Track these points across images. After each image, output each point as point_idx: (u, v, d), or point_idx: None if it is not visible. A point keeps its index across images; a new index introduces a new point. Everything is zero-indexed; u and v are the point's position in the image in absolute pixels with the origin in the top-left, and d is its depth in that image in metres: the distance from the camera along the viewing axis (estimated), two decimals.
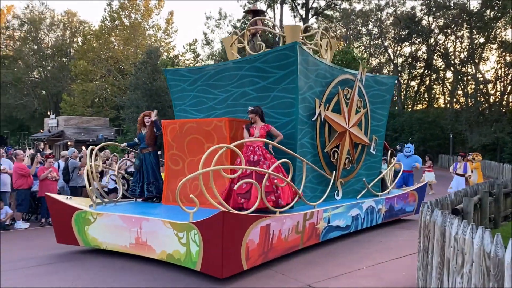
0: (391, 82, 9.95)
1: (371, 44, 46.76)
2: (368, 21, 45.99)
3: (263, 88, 7.74)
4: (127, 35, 46.55)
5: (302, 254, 7.14)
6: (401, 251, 7.44)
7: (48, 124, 43.75)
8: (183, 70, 8.99)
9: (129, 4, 47.01)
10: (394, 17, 43.82)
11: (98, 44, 45.60)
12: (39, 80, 46.87)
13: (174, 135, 7.83)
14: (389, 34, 45.53)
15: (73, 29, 47.67)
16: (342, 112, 8.43)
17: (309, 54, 7.65)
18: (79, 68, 43.84)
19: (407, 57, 44.53)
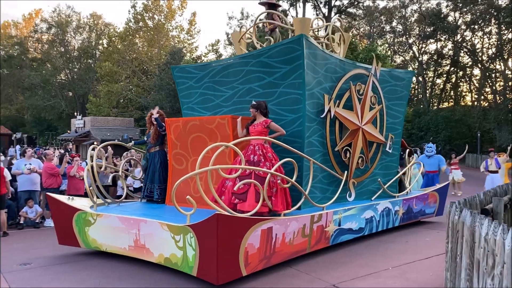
0: (408, 77, 9.38)
1: (395, 41, 45.66)
2: (392, 18, 44.92)
3: (269, 84, 7.33)
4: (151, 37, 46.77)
5: (326, 253, 7.00)
6: (428, 252, 7.18)
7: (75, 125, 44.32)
8: (189, 67, 8.65)
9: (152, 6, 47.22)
10: (419, 14, 42.64)
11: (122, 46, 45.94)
12: (66, 81, 47.56)
13: (178, 134, 7.50)
14: (413, 31, 44.37)
15: (99, 31, 48.20)
16: (355, 109, 7.93)
17: (317, 47, 7.20)
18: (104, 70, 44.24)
19: (433, 54, 43.26)
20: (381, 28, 45.90)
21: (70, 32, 46.57)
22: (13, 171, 9.97)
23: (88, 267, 6.44)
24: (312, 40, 7.07)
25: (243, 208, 5.96)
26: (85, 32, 47.78)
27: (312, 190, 7.26)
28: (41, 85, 44.81)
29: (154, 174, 7.77)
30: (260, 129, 6.62)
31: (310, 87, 7.05)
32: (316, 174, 7.38)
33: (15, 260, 6.89)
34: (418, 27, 43.58)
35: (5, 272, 6.26)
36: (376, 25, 46.20)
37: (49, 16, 46.42)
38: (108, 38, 46.71)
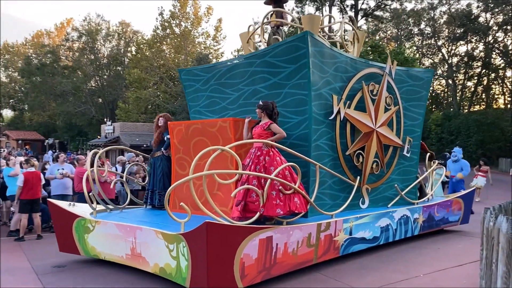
0: (427, 77, 8.77)
1: (424, 44, 44.41)
2: (420, 21, 43.70)
3: (275, 85, 6.90)
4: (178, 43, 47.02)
5: (354, 259, 6.89)
6: (461, 259, 6.98)
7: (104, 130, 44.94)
8: (196, 69, 8.32)
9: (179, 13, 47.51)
10: (448, 15, 41.29)
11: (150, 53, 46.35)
12: (96, 88, 48.34)
13: (181, 138, 7.17)
14: (442, 33, 43.01)
15: (127, 39, 48.82)
16: (368, 110, 7.41)
17: (324, 45, 6.74)
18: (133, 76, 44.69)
19: (463, 57, 41.78)
20: (409, 31, 44.75)
21: (100, 40, 47.33)
22: (46, 175, 10.17)
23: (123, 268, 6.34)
24: (319, 38, 6.61)
25: (234, 214, 5.57)
26: (114, 40, 48.48)
27: (321, 197, 6.80)
28: (72, 92, 45.65)
29: (156, 180, 7.45)
30: (260, 131, 6.18)
31: (316, 87, 6.58)
32: (326, 179, 6.91)
33: (49, 262, 6.92)
34: (448, 29, 42.23)
35: (41, 274, 6.32)
36: (404, 28, 45.07)
37: (80, 25, 47.37)
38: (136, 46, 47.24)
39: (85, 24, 46.99)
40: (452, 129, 37.88)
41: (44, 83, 44.96)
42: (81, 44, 46.50)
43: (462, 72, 42.89)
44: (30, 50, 51.03)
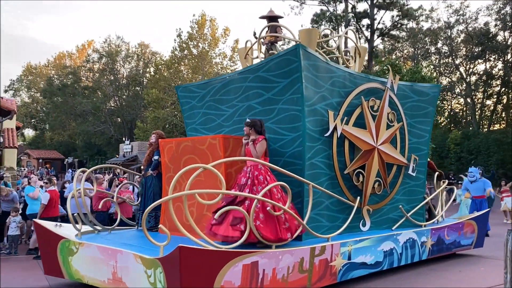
0: (434, 92, 8.29)
1: (441, 62, 43.60)
2: (437, 39, 43.03)
3: (268, 100, 6.55)
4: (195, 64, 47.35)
5: (373, 279, 6.70)
6: (484, 282, 6.77)
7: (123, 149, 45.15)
8: (192, 85, 8.05)
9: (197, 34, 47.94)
10: (466, 34, 40.56)
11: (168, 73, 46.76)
12: (115, 108, 48.87)
13: (171, 156, 6.84)
14: (460, 51, 42.22)
15: (146, 60, 49.43)
16: (368, 127, 6.97)
17: (319, 59, 6.37)
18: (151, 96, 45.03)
19: (481, 75, 40.83)
20: (425, 50, 44.06)
21: (120, 61, 48.02)
22: (65, 194, 10.10)
23: None
24: (312, 51, 6.24)
25: (218, 231, 5.17)
26: (133, 60, 49.14)
27: (317, 218, 6.35)
28: (92, 112, 46.19)
29: (147, 200, 7.09)
30: (250, 150, 5.90)
31: (311, 103, 6.20)
32: (322, 200, 6.46)
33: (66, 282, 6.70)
34: (465, 48, 41.44)
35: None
36: (421, 47, 44.42)
37: (100, 46, 48.25)
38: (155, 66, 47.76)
39: (106, 46, 47.80)
40: (472, 148, 36.80)
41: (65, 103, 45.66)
42: (101, 65, 47.23)
43: (481, 91, 41.88)
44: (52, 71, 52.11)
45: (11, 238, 9.33)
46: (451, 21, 41.18)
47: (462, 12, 40.40)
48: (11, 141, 31.77)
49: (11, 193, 10.22)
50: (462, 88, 42.64)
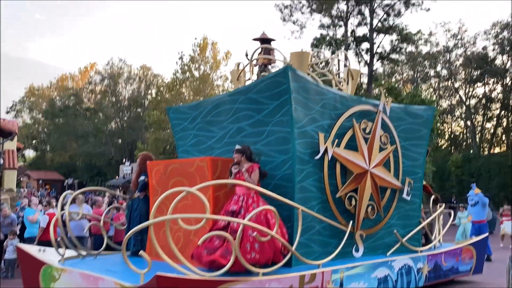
0: (428, 114, 8.15)
1: (441, 86, 43.71)
2: (436, 63, 43.23)
3: (258, 122, 6.43)
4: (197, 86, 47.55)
5: None
6: None
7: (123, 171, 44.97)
8: (184, 107, 7.96)
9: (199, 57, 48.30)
10: (465, 58, 40.75)
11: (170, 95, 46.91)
12: (116, 129, 48.96)
13: (159, 179, 6.68)
14: (459, 75, 42.35)
15: (148, 82, 49.74)
16: (360, 149, 6.82)
17: (309, 81, 6.28)
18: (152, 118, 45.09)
19: (481, 98, 40.85)
20: (425, 73, 44.23)
21: (122, 83, 48.34)
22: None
23: None
24: (302, 73, 6.15)
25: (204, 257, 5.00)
26: (135, 83, 49.47)
27: (308, 244, 6.15)
28: (93, 133, 46.24)
29: (132, 223, 6.89)
30: (242, 178, 5.77)
31: (301, 125, 6.07)
32: (313, 224, 6.27)
33: None
34: (464, 71, 41.58)
35: None
36: (420, 70, 44.59)
37: (103, 68, 48.66)
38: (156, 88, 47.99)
39: (108, 68, 48.20)
40: (473, 171, 36.56)
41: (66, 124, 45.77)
42: (103, 87, 47.54)
43: (481, 114, 41.85)
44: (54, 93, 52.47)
45: (8, 261, 9.11)
46: (449, 45, 41.46)
47: (460, 36, 40.72)
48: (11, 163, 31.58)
49: (10, 216, 10.08)
50: (462, 111, 42.64)
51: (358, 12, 39.25)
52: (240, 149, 5.86)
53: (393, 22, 38.04)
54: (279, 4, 39.01)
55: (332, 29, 40.63)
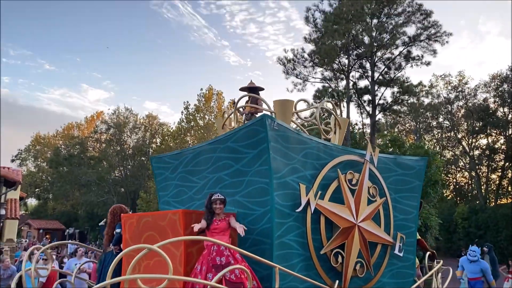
0: (420, 165, 7.75)
1: (443, 136, 43.45)
2: (438, 114, 43.21)
3: (237, 172, 6.07)
4: (201, 135, 47.67)
5: None
6: None
7: None
8: (166, 156, 7.64)
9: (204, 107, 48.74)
10: (466, 110, 40.72)
11: (174, 144, 46.90)
12: (120, 178, 48.64)
13: (132, 232, 6.23)
14: (461, 126, 42.19)
15: (153, 131, 49.93)
16: (346, 202, 6.39)
17: (289, 130, 5.97)
18: None
19: (484, 149, 40.41)
20: (427, 124, 44.14)
21: (127, 132, 48.56)
22: (64, 269, 9.87)
23: None
24: (281, 121, 5.85)
25: None
26: (140, 131, 49.69)
27: None
28: (96, 182, 45.89)
29: (102, 279, 6.40)
30: (225, 226, 5.44)
31: (280, 175, 5.69)
32: (295, 284, 5.74)
33: None
34: (466, 122, 41.44)
35: None
36: (422, 121, 44.52)
37: (109, 117, 49.07)
38: (161, 137, 48.05)
39: (114, 117, 48.59)
40: (480, 223, 35.53)
41: (70, 173, 45.57)
42: (109, 136, 47.72)
43: (485, 165, 41.26)
44: (60, 142, 52.73)
45: None
46: (450, 97, 41.61)
47: (461, 88, 40.92)
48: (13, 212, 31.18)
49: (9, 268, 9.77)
50: (466, 161, 42.11)
51: (359, 66, 39.78)
52: (224, 199, 5.54)
53: (394, 75, 38.39)
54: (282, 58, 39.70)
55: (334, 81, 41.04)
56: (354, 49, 38.83)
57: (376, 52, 37.86)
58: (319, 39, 38.56)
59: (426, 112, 43.22)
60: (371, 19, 38.48)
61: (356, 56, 39.17)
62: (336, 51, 37.14)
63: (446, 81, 41.66)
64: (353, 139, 38.13)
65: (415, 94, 39.88)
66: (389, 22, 37.73)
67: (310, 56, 39.25)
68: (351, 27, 37.06)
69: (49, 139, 55.38)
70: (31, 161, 56.49)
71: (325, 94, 41.38)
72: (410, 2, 37.02)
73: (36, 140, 55.82)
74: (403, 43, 37.54)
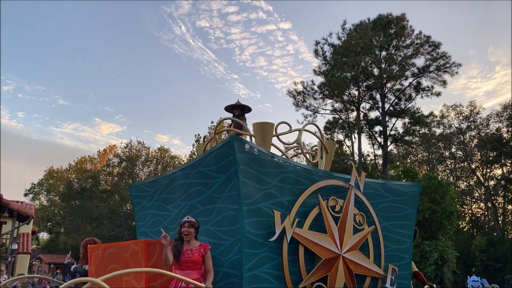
0: (413, 191, 7.16)
1: (457, 167, 42.29)
2: (451, 144, 42.24)
3: (209, 198, 5.60)
4: None
5: None
6: None
7: None
8: (144, 184, 7.23)
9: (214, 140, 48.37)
10: (479, 140, 39.75)
11: None
12: (131, 211, 48.19)
13: (97, 265, 5.78)
14: (475, 156, 41.08)
15: (164, 163, 49.76)
16: (329, 231, 5.83)
17: (263, 153, 5.51)
18: None
19: (499, 180, 39.09)
20: (440, 154, 43.11)
21: (139, 165, 48.47)
22: None
23: None
24: (252, 144, 5.40)
25: None
26: (152, 164, 49.55)
27: None
28: (108, 216, 45.51)
29: None
30: (197, 258, 4.91)
31: (252, 201, 5.20)
32: None
33: None
34: (480, 152, 40.37)
35: None
36: (435, 151, 43.53)
37: (121, 151, 49.17)
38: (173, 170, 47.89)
39: (127, 151, 48.65)
40: (498, 256, 33.93)
41: (82, 206, 45.36)
42: (121, 169, 47.64)
43: (501, 195, 39.83)
44: (72, 175, 52.88)
45: None
46: (462, 127, 40.76)
47: (472, 118, 40.11)
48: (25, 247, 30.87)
49: None
50: (481, 192, 40.75)
51: (369, 97, 39.44)
52: (194, 222, 5.04)
53: (405, 106, 37.90)
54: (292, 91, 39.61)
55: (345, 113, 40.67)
56: (364, 80, 38.61)
57: (386, 83, 37.56)
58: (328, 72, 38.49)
59: (438, 143, 42.32)
60: (380, 51, 38.39)
61: (366, 87, 38.91)
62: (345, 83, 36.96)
63: (457, 111, 40.93)
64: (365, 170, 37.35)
65: (427, 124, 39.21)
66: (398, 54, 37.58)
67: (320, 88, 39.09)
68: (360, 59, 36.98)
69: (62, 173, 55.61)
70: (44, 195, 56.60)
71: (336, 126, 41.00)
72: (418, 35, 36.96)
73: (49, 174, 56.09)
74: (412, 74, 37.25)
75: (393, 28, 37.18)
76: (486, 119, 39.24)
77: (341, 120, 40.72)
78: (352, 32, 37.76)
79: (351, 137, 41.42)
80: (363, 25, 37.92)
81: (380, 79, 36.46)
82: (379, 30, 36.74)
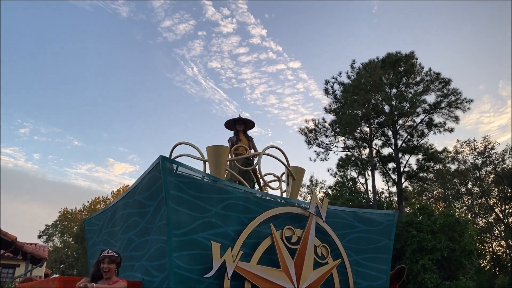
0: (388, 220, 6.27)
1: (474, 203, 40.34)
2: (467, 180, 40.51)
3: (143, 230, 4.90)
4: None
5: None
6: None
7: None
8: (94, 217, 6.56)
9: None
10: (495, 175, 38.01)
11: None
12: None
13: None
14: (492, 192, 39.18)
15: None
16: (283, 265, 5.00)
17: (201, 175, 4.82)
18: None
19: None
20: (456, 190, 41.33)
21: None
22: None
23: None
24: (186, 165, 4.70)
25: None
26: None
27: None
28: None
29: None
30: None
31: (184, 231, 4.45)
32: None
33: None
34: (497, 188, 38.52)
35: None
36: (450, 187, 41.79)
37: None
38: None
39: None
40: None
41: None
42: None
43: None
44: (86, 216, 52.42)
45: None
46: (478, 162, 39.23)
47: (487, 154, 38.64)
48: None
49: None
50: (501, 229, 38.54)
51: (381, 134, 38.52)
52: (116, 257, 4.31)
53: (418, 142, 36.80)
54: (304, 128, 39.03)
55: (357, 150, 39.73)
56: (375, 117, 37.84)
57: (398, 120, 36.69)
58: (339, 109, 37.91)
59: (453, 179, 40.70)
60: (390, 88, 37.81)
61: (378, 124, 38.05)
62: (357, 120, 36.22)
63: (471, 147, 39.55)
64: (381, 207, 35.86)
65: (441, 160, 37.83)
66: (408, 91, 36.90)
67: (331, 125, 38.41)
68: (370, 97, 36.37)
69: (76, 214, 55.23)
70: (57, 236, 56.05)
71: (349, 163, 40.01)
72: (428, 72, 36.33)
73: (63, 215, 55.79)
74: (424, 111, 36.32)
75: (402, 66, 36.72)
76: (501, 154, 37.70)
77: (353, 157, 39.74)
78: (362, 71, 37.42)
79: (365, 174, 40.25)
80: (372, 64, 37.56)
81: (391, 116, 35.64)
82: (389, 68, 36.29)
